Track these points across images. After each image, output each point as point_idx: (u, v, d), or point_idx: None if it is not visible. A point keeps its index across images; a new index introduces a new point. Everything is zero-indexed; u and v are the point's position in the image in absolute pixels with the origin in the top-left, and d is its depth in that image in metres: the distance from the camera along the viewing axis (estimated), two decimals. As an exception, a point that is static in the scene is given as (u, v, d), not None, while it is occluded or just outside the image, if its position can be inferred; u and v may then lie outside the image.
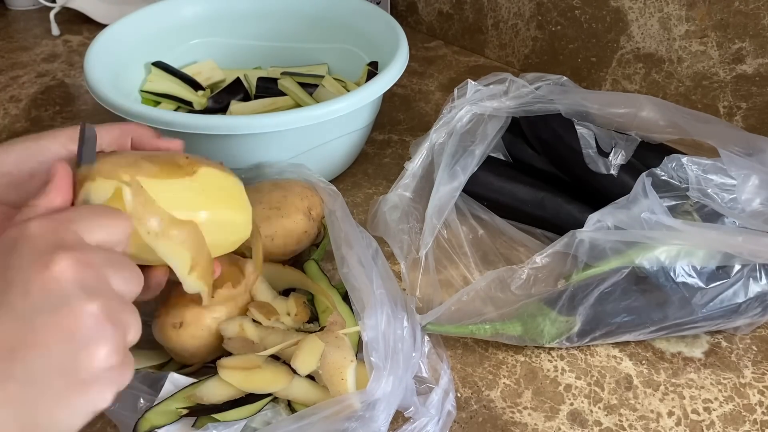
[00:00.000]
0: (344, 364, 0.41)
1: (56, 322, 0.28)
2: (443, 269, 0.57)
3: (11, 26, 1.06)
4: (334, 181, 0.69)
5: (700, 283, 0.48)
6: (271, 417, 0.43)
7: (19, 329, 0.27)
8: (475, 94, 0.60)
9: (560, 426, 0.46)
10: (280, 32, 0.80)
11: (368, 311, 0.43)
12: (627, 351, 0.51)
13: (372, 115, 0.68)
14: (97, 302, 0.29)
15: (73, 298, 0.29)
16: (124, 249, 0.35)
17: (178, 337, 0.44)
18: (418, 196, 0.59)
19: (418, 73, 0.92)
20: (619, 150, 0.56)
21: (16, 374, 0.27)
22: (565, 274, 0.49)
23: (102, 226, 0.32)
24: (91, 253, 0.30)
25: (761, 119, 0.71)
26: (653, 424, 0.46)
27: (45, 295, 0.28)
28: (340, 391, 0.41)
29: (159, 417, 0.42)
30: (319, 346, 0.42)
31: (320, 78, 0.75)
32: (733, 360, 0.51)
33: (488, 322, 0.50)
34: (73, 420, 0.29)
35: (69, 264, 0.29)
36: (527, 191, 0.60)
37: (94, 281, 0.30)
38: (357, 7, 0.77)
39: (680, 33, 0.73)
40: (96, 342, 0.29)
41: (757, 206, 0.50)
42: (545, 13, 0.85)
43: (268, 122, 0.56)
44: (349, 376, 0.41)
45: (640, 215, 0.47)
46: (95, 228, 0.32)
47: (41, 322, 0.28)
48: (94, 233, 0.32)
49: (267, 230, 0.51)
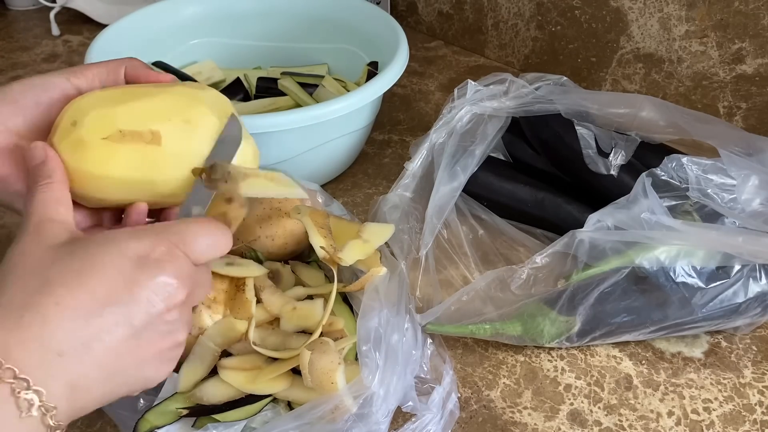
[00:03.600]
0: (332, 368, 0.41)
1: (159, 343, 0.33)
2: (443, 269, 0.57)
3: (11, 26, 1.06)
4: (334, 181, 0.69)
5: (700, 283, 0.48)
6: (271, 417, 0.43)
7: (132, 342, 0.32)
8: (475, 95, 0.60)
9: (560, 426, 0.46)
10: (280, 32, 0.80)
11: (364, 308, 0.43)
12: (627, 351, 0.51)
13: (372, 115, 0.68)
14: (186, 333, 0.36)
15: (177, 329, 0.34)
16: None
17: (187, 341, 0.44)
18: (418, 196, 0.59)
19: (418, 73, 0.92)
20: (619, 150, 0.56)
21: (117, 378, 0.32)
22: (565, 274, 0.49)
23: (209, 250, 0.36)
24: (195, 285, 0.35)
25: (761, 119, 0.71)
26: (653, 424, 0.46)
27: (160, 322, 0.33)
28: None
29: (159, 417, 0.42)
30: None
31: (320, 78, 0.75)
32: (733, 360, 0.51)
33: (488, 322, 0.50)
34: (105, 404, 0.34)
35: (183, 299, 0.34)
36: (527, 191, 0.60)
37: (188, 314, 0.36)
38: (357, 7, 0.77)
39: (680, 33, 0.73)
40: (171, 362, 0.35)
41: (757, 206, 0.50)
42: (545, 13, 0.85)
43: (268, 122, 0.56)
44: (339, 379, 0.41)
45: (640, 215, 0.47)
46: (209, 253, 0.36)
47: (147, 342, 0.33)
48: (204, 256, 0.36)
49: (268, 230, 0.51)
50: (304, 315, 0.46)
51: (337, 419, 0.40)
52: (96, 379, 0.31)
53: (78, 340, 0.30)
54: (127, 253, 0.32)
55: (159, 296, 0.32)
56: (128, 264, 0.32)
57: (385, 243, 0.53)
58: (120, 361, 0.32)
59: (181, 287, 0.33)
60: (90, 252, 0.32)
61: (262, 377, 0.43)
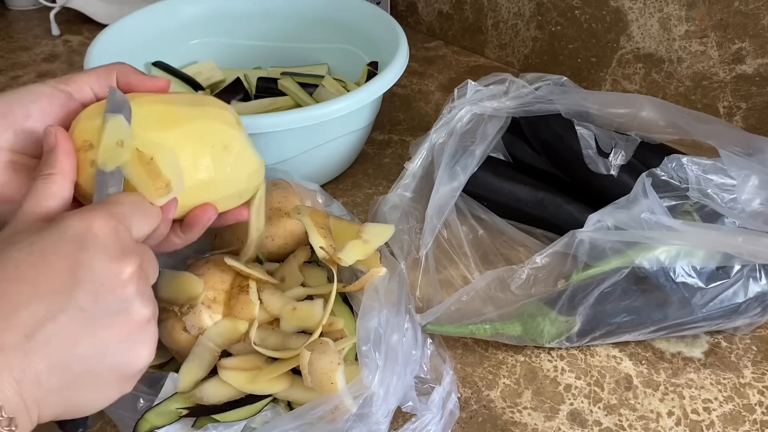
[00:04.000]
0: (332, 368, 0.41)
1: (116, 323, 0.31)
2: (443, 269, 0.57)
3: (11, 26, 1.06)
4: (334, 181, 0.69)
5: (700, 283, 0.48)
6: (271, 418, 0.43)
7: (83, 327, 0.30)
8: (475, 95, 0.60)
9: (560, 426, 0.46)
10: (280, 32, 0.80)
11: (363, 309, 0.43)
12: (627, 351, 0.51)
13: (372, 115, 0.68)
14: (149, 307, 0.33)
15: (134, 303, 0.32)
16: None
17: (188, 341, 0.44)
18: (418, 196, 0.59)
19: (418, 73, 0.92)
20: (619, 150, 0.56)
21: (73, 367, 0.30)
22: (565, 274, 0.49)
23: (145, 222, 0.35)
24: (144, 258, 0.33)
25: (761, 119, 0.71)
26: (653, 424, 0.46)
27: (111, 299, 0.31)
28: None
29: (159, 417, 0.42)
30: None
31: (320, 78, 0.75)
32: (733, 360, 0.51)
33: (488, 322, 0.50)
34: (105, 402, 0.33)
35: (133, 271, 0.32)
36: (527, 191, 0.60)
37: (145, 286, 0.33)
38: (357, 7, 0.77)
39: (680, 33, 0.73)
40: (144, 342, 0.33)
41: (757, 206, 0.50)
42: (545, 13, 0.85)
43: (268, 122, 0.56)
44: (339, 379, 0.41)
45: (640, 215, 0.47)
46: (142, 224, 0.35)
47: (103, 323, 0.31)
48: (141, 229, 0.35)
49: (267, 230, 0.51)
50: (304, 315, 0.46)
51: (337, 419, 0.40)
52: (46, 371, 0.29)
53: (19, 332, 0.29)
54: (66, 235, 0.31)
55: (105, 272, 0.31)
56: (69, 246, 0.30)
57: (385, 243, 0.53)
58: (74, 349, 0.30)
59: (129, 259, 0.32)
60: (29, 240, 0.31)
61: (262, 377, 0.43)
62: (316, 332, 0.44)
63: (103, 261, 0.31)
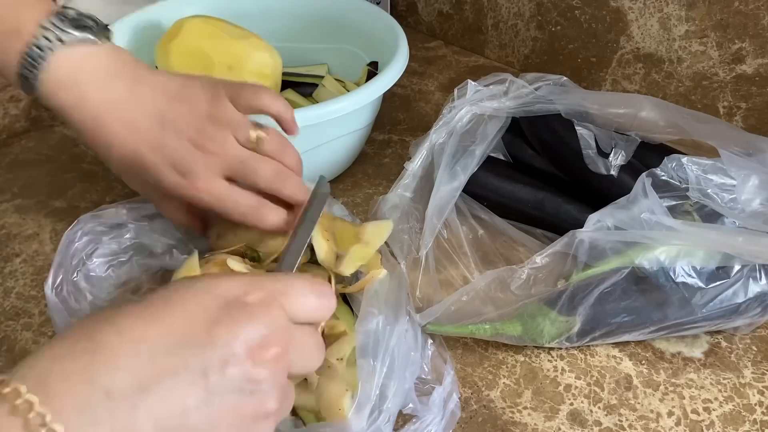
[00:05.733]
0: (340, 395, 0.41)
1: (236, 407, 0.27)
2: (443, 269, 0.57)
3: (11, 26, 1.06)
4: (334, 181, 0.69)
5: (700, 283, 0.48)
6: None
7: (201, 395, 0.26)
8: (475, 95, 0.60)
9: (560, 426, 0.46)
10: (280, 32, 0.80)
11: (363, 311, 0.43)
12: (627, 351, 0.51)
13: (372, 115, 0.68)
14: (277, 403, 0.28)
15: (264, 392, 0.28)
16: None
17: None
18: (418, 196, 0.59)
19: (418, 73, 0.92)
20: (619, 150, 0.57)
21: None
22: (565, 274, 0.49)
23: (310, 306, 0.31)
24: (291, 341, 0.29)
25: (761, 119, 0.71)
26: (653, 424, 0.46)
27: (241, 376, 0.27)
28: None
29: None
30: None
31: (320, 78, 0.75)
32: (733, 360, 0.51)
33: (488, 322, 0.50)
34: None
35: (276, 356, 0.28)
36: (527, 191, 0.60)
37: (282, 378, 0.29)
38: (357, 7, 0.77)
39: (680, 33, 0.73)
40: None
41: (757, 206, 0.50)
42: (545, 13, 0.85)
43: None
44: (346, 405, 0.40)
45: (640, 215, 0.47)
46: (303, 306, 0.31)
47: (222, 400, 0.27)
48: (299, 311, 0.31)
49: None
50: None
51: None
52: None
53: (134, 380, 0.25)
54: (215, 291, 0.28)
55: (241, 342, 0.27)
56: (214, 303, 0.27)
57: (385, 243, 0.53)
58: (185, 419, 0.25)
59: (273, 340, 0.28)
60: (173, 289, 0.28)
61: None
62: None
63: (243, 330, 0.27)
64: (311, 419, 0.43)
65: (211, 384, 0.26)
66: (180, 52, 0.66)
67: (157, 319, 0.26)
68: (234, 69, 0.65)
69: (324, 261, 0.47)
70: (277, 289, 0.30)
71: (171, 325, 0.26)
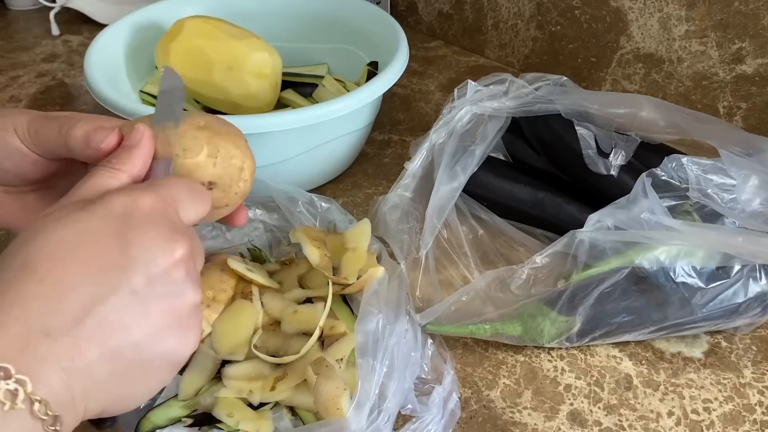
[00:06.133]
0: (338, 394, 0.41)
1: (169, 309, 0.29)
2: (443, 269, 0.57)
3: (11, 26, 1.06)
4: (334, 181, 0.69)
5: (700, 283, 0.48)
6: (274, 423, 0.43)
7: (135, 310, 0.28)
8: (475, 95, 0.60)
9: (560, 426, 0.46)
10: (280, 32, 0.80)
11: (362, 312, 0.43)
12: (627, 351, 0.51)
13: (372, 115, 0.68)
14: (198, 293, 0.31)
15: (187, 287, 0.30)
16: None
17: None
18: (418, 196, 0.59)
19: (418, 73, 0.92)
20: (619, 150, 0.56)
21: (126, 354, 0.28)
22: (565, 274, 0.49)
23: (195, 207, 0.33)
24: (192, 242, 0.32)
25: (761, 119, 0.71)
26: (653, 424, 0.46)
27: (165, 281, 0.29)
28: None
29: (161, 418, 0.42)
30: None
31: (320, 78, 0.75)
32: (733, 360, 0.51)
33: (488, 322, 0.50)
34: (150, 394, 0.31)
35: (186, 254, 0.30)
36: (527, 191, 0.60)
37: (195, 271, 0.31)
38: (357, 7, 0.77)
39: (680, 33, 0.73)
40: (193, 329, 0.31)
41: (757, 206, 0.50)
42: (545, 13, 0.85)
43: (268, 122, 0.56)
44: (344, 404, 0.41)
45: (640, 215, 0.47)
46: (191, 208, 0.33)
47: (156, 308, 0.29)
48: (189, 214, 0.33)
49: None
50: (306, 318, 0.46)
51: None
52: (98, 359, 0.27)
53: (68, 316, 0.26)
54: (113, 212, 0.29)
55: (157, 252, 0.29)
56: (117, 224, 0.29)
57: (385, 243, 0.53)
58: (127, 335, 0.28)
59: (180, 240, 0.30)
60: (74, 217, 0.29)
61: (266, 388, 0.43)
62: (314, 336, 0.44)
63: (154, 240, 0.29)
64: (310, 419, 0.43)
65: (141, 298, 0.28)
66: (180, 52, 0.66)
67: (70, 256, 0.27)
68: (234, 69, 0.65)
69: (319, 266, 0.47)
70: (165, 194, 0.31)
71: (85, 257, 0.27)
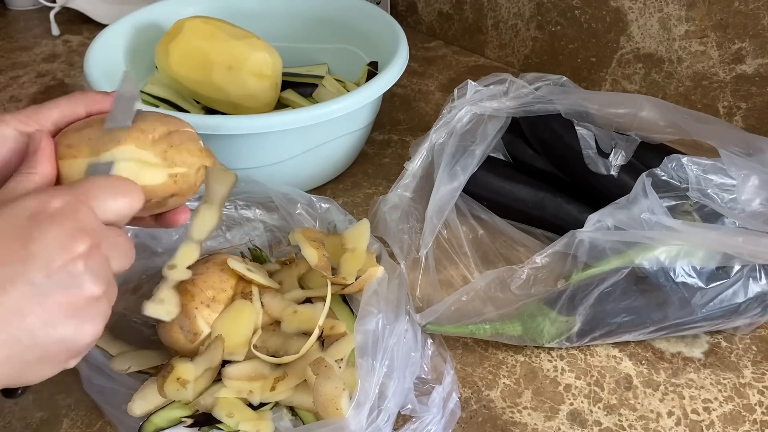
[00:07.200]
0: (337, 394, 0.41)
1: (66, 300, 0.31)
2: (443, 269, 0.57)
3: (11, 26, 1.06)
4: (334, 181, 0.69)
5: (700, 283, 0.48)
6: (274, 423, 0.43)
7: (33, 301, 0.30)
8: (475, 95, 0.60)
9: (560, 426, 0.46)
10: (280, 32, 0.80)
11: (362, 311, 0.43)
12: (627, 351, 0.51)
13: (372, 115, 0.68)
14: (100, 287, 0.33)
15: (85, 281, 0.32)
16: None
17: (189, 342, 0.44)
18: (418, 196, 0.59)
19: (418, 73, 0.92)
20: (619, 150, 0.56)
21: (22, 339, 0.30)
22: (565, 274, 0.49)
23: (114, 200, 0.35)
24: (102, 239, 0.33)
25: (761, 119, 0.71)
26: (653, 424, 0.46)
27: (63, 275, 0.31)
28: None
29: (163, 420, 0.42)
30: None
31: (320, 78, 0.75)
32: (733, 360, 0.51)
33: (488, 322, 0.50)
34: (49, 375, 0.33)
35: (86, 250, 0.32)
36: (527, 191, 0.60)
37: (99, 266, 0.33)
38: (357, 7, 0.77)
39: (680, 33, 0.73)
40: (91, 320, 0.33)
41: (756, 206, 0.50)
42: (545, 13, 0.85)
43: (269, 122, 0.56)
44: (344, 404, 0.41)
45: (640, 215, 0.47)
46: (109, 202, 0.34)
47: (54, 299, 0.31)
48: (107, 208, 0.34)
49: None
50: (306, 318, 0.46)
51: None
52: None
53: None
54: (22, 211, 0.31)
55: (56, 249, 0.31)
56: (23, 222, 0.31)
57: (385, 243, 0.53)
58: (23, 322, 0.30)
59: (80, 237, 0.32)
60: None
61: (266, 388, 0.43)
62: (313, 335, 0.44)
63: (55, 237, 0.31)
64: (310, 419, 0.43)
65: (38, 289, 0.30)
66: (180, 52, 0.66)
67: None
68: (234, 69, 0.65)
69: (318, 266, 0.47)
70: (80, 193, 0.33)
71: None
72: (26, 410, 0.47)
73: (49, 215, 0.32)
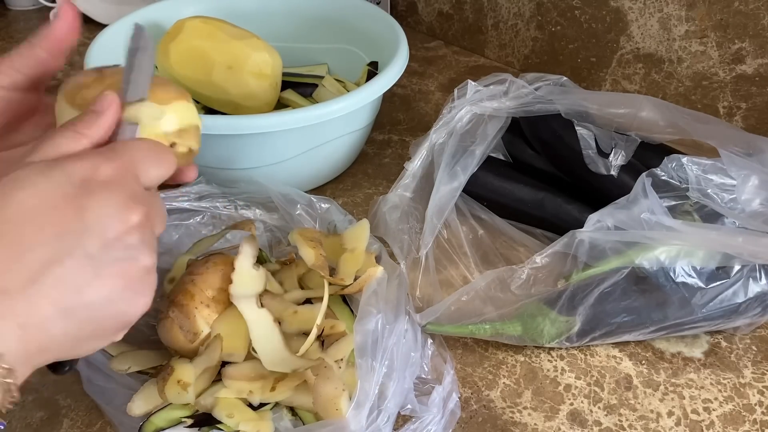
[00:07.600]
0: (336, 395, 0.41)
1: (121, 272, 0.31)
2: (443, 269, 0.57)
3: (11, 26, 1.06)
4: (334, 181, 0.69)
5: (700, 283, 0.48)
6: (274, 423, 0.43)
7: (90, 272, 0.30)
8: (475, 95, 0.60)
9: (560, 426, 0.46)
10: (280, 32, 0.80)
11: (361, 312, 0.43)
12: (627, 351, 0.51)
13: (372, 115, 0.68)
14: (152, 258, 0.33)
15: (139, 252, 0.32)
16: None
17: (188, 342, 0.44)
18: (418, 196, 0.59)
19: (418, 73, 0.92)
20: (619, 150, 0.56)
21: (79, 313, 0.30)
22: (565, 274, 0.49)
23: (156, 167, 0.34)
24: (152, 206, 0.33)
25: (761, 119, 0.71)
26: (653, 424, 0.46)
27: (119, 246, 0.31)
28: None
29: (163, 421, 0.42)
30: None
31: (320, 78, 0.75)
32: (733, 360, 0.51)
33: (488, 322, 0.50)
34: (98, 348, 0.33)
35: (140, 220, 0.31)
36: (527, 191, 0.60)
37: (150, 236, 0.33)
38: (357, 7, 0.77)
39: (680, 33, 0.73)
40: (143, 292, 0.32)
41: (756, 206, 0.50)
42: (545, 13, 0.85)
43: (269, 122, 0.56)
44: (343, 405, 0.41)
45: (640, 215, 0.47)
46: (151, 170, 0.34)
47: (109, 271, 0.30)
48: (150, 175, 0.34)
49: None
50: (305, 319, 0.46)
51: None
52: (53, 317, 0.29)
53: (25, 276, 0.28)
54: (72, 178, 0.30)
55: (112, 219, 0.30)
56: (75, 190, 0.30)
57: (385, 243, 0.53)
58: (81, 296, 0.29)
59: (134, 208, 0.31)
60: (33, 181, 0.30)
61: (266, 388, 0.43)
62: (312, 335, 0.44)
63: (110, 207, 0.30)
64: (311, 419, 0.43)
65: (95, 261, 0.30)
66: (180, 52, 0.66)
67: (28, 219, 0.29)
68: (234, 69, 0.65)
69: (315, 265, 0.47)
70: (126, 160, 0.32)
71: (42, 221, 0.29)
72: (26, 410, 0.47)
73: (101, 183, 0.30)
